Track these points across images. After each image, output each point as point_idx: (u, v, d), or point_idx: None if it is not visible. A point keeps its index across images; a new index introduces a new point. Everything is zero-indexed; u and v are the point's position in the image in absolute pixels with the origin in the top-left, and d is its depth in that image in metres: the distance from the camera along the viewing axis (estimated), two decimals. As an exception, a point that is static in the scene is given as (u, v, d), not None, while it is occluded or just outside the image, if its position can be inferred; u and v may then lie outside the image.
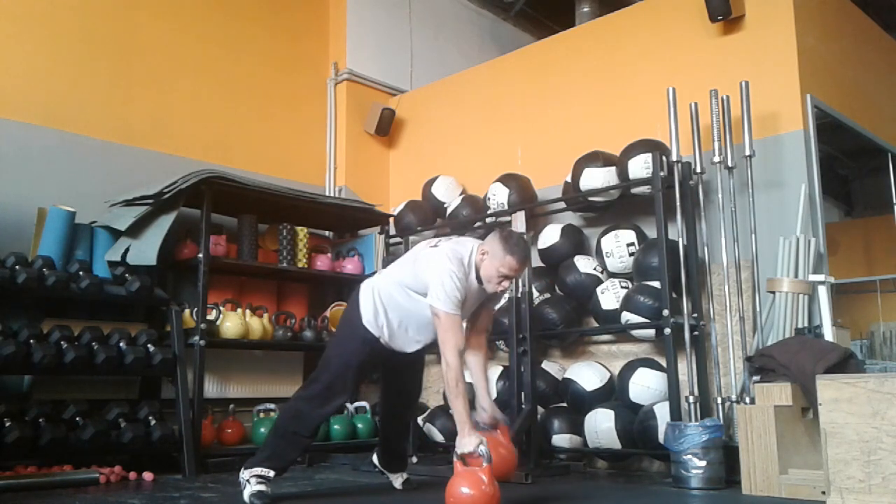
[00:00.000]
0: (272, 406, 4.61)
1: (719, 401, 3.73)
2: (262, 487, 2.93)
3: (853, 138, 5.08)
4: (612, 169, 4.29)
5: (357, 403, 5.11)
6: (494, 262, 2.81)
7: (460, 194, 5.25)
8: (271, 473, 2.96)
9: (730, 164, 3.91)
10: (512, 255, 2.79)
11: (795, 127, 4.01)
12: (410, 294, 2.92)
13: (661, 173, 3.96)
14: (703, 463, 3.29)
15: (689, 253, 3.91)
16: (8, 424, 3.41)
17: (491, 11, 7.31)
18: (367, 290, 3.01)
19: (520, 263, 2.82)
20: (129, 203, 4.29)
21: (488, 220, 4.87)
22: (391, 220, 5.42)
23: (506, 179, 4.79)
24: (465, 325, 2.96)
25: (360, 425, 4.92)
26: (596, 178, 4.30)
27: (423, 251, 2.96)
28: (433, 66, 6.47)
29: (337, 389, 2.97)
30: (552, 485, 3.30)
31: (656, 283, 3.93)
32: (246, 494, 2.92)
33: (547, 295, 4.52)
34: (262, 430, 4.45)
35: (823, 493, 2.56)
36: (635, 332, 4.11)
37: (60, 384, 3.98)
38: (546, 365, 4.41)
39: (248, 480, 2.94)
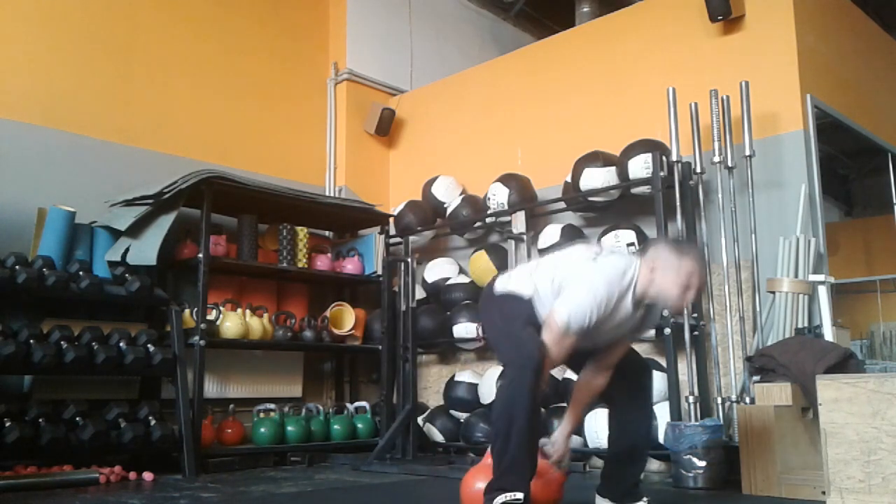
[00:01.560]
0: (272, 406, 4.61)
1: (719, 401, 3.73)
2: None
3: (853, 138, 5.08)
4: (612, 169, 4.29)
5: (357, 403, 5.12)
6: (670, 274, 2.39)
7: (460, 194, 5.25)
8: (519, 495, 2.28)
9: (730, 164, 3.91)
10: (688, 257, 2.40)
11: (795, 127, 4.01)
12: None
13: (661, 173, 3.96)
14: (703, 463, 3.29)
15: (689, 253, 3.90)
16: (8, 424, 3.40)
17: (491, 11, 7.31)
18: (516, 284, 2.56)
19: (700, 265, 2.43)
20: (129, 203, 4.29)
21: (488, 220, 4.87)
22: (391, 220, 5.42)
23: (506, 179, 4.79)
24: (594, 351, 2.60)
25: (360, 425, 4.92)
26: (596, 178, 4.30)
27: (577, 263, 2.50)
28: (433, 66, 6.46)
29: (529, 349, 2.34)
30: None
31: (656, 283, 3.92)
32: None
33: (547, 295, 4.51)
34: (263, 429, 4.45)
35: (823, 493, 2.56)
36: (635, 332, 4.11)
37: (60, 384, 3.98)
38: (546, 365, 4.40)
39: None
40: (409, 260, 4.78)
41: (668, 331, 3.78)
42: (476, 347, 4.81)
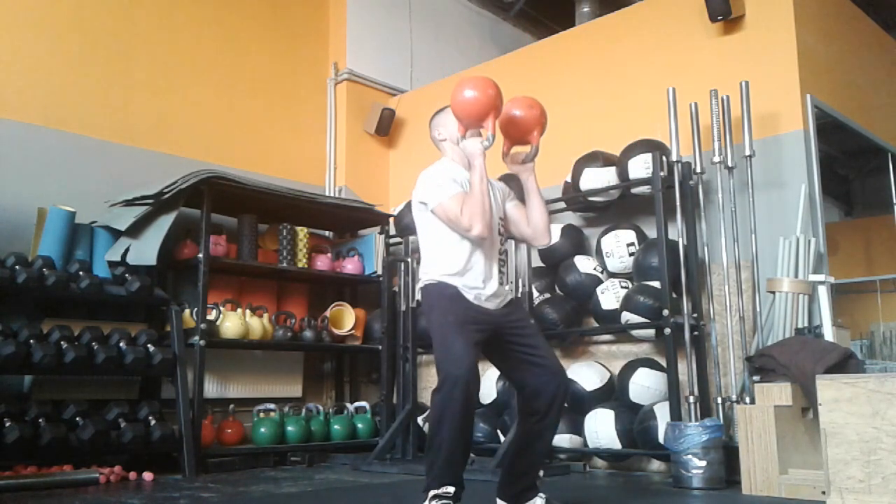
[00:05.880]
0: (272, 406, 4.61)
1: (719, 401, 3.73)
2: None
3: (853, 138, 5.08)
4: (612, 169, 4.29)
5: (357, 403, 5.12)
6: (448, 122, 2.81)
7: (460, 194, 5.24)
8: (451, 489, 2.40)
9: (730, 164, 3.91)
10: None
11: (795, 127, 4.01)
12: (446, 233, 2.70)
13: (661, 173, 3.95)
14: (703, 463, 3.29)
15: (689, 253, 3.91)
16: (8, 424, 3.41)
17: (491, 11, 7.31)
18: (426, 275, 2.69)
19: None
20: (129, 203, 4.30)
21: (488, 220, 4.87)
22: (391, 220, 5.42)
23: (505, 179, 4.78)
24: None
25: (360, 425, 4.92)
26: (596, 178, 4.30)
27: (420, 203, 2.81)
28: (433, 66, 6.46)
29: (455, 356, 2.41)
30: (552, 485, 3.30)
31: (656, 283, 3.93)
32: None
33: (547, 295, 4.52)
34: (263, 429, 4.45)
35: (823, 493, 2.56)
36: (635, 332, 4.11)
37: (60, 384, 3.98)
38: (546, 365, 4.40)
39: None
40: (409, 260, 4.78)
41: (668, 331, 3.78)
42: (476, 347, 4.81)
